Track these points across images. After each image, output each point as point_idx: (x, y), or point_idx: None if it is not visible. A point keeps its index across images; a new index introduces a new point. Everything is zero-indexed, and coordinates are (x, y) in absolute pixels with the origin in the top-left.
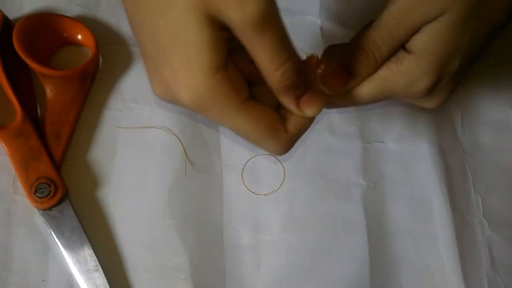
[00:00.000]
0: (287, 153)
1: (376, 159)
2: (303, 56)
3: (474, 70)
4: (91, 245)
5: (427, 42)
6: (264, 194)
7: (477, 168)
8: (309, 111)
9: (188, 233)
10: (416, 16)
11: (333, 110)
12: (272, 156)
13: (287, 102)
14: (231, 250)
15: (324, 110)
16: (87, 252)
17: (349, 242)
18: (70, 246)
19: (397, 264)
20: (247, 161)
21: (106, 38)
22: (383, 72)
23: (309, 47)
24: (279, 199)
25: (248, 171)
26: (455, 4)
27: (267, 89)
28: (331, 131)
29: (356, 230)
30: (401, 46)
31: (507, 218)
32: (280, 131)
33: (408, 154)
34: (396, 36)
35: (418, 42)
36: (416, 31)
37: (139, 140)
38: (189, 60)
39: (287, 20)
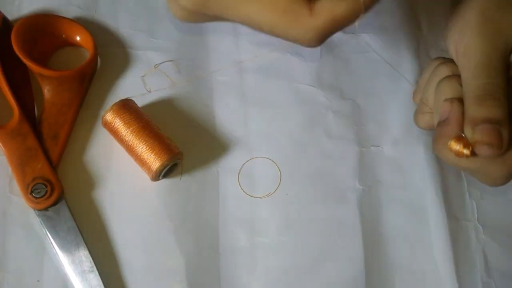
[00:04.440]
0: (284, 156)
1: (372, 164)
2: None
3: None
4: (87, 246)
5: None
6: (260, 197)
7: None
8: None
9: (184, 235)
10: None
11: (330, 113)
12: (269, 159)
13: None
14: (227, 252)
15: (320, 114)
16: (83, 253)
17: (344, 246)
18: (66, 246)
19: (392, 268)
20: (243, 164)
21: (104, 40)
22: None
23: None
24: (275, 202)
25: (244, 173)
26: None
27: None
28: (327, 135)
29: (351, 234)
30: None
31: (501, 223)
32: (302, 14)
33: (404, 159)
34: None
35: None
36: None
37: None
38: None
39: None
